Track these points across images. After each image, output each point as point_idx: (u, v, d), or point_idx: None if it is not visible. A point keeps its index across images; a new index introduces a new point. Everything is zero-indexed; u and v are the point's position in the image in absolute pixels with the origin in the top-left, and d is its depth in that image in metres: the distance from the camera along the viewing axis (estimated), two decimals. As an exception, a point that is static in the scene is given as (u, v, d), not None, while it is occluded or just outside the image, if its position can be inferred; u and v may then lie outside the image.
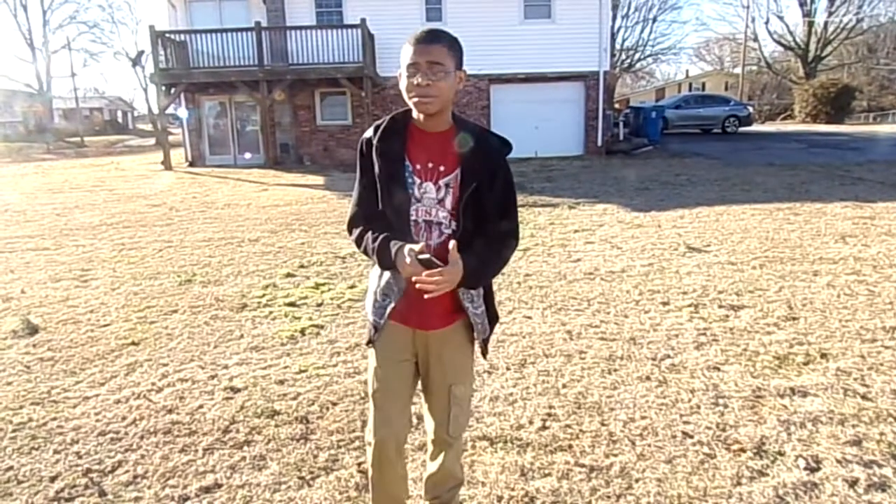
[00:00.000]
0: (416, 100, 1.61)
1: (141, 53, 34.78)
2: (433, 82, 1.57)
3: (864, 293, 4.62)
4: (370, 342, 1.88)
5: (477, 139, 1.70)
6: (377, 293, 1.84)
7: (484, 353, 1.93)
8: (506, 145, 1.74)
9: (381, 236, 1.70)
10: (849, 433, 2.70)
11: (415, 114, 1.68)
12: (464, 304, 1.78)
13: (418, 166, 1.69)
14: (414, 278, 1.59)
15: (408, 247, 1.61)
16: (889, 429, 2.73)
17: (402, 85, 1.63)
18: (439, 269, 1.57)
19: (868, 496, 2.29)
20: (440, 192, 1.69)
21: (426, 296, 1.59)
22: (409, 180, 1.70)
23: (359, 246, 1.79)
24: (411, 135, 1.70)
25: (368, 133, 1.74)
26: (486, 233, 1.71)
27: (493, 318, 1.92)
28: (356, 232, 1.80)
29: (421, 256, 1.58)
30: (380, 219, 1.75)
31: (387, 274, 1.78)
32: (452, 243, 1.62)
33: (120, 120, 55.69)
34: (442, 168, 1.69)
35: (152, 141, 34.95)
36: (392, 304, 1.79)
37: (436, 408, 1.91)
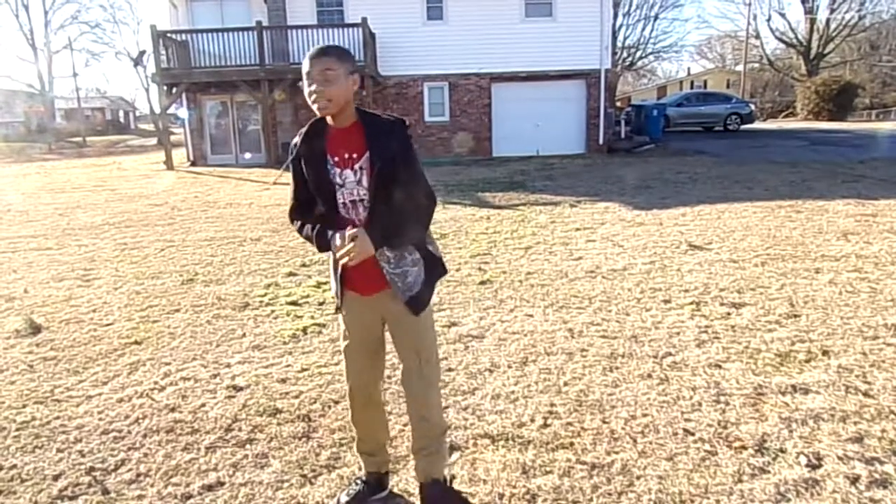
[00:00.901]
0: (315, 105, 1.92)
1: (142, 53, 34.76)
2: (325, 89, 1.88)
3: (865, 290, 4.62)
4: (337, 309, 2.21)
5: (375, 124, 2.01)
6: (331, 268, 2.17)
7: (414, 311, 2.10)
8: (399, 121, 2.02)
9: (318, 226, 2.06)
10: (850, 430, 2.70)
11: (328, 118, 1.99)
12: (386, 268, 2.06)
13: (336, 158, 2.01)
14: (337, 253, 1.95)
15: (339, 233, 1.97)
16: (891, 426, 2.72)
17: (305, 94, 1.94)
18: (350, 240, 1.91)
19: (870, 493, 2.29)
20: (356, 174, 2.00)
21: (349, 263, 1.94)
22: (332, 171, 2.01)
23: (300, 233, 2.13)
24: (329, 134, 2.02)
25: (297, 137, 2.07)
26: (403, 198, 1.98)
27: (433, 273, 2.14)
28: (297, 222, 2.14)
29: (348, 234, 1.93)
30: (313, 205, 2.10)
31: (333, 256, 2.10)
32: (352, 230, 1.94)
33: (122, 120, 55.78)
34: (354, 155, 1.99)
35: (154, 141, 35.01)
36: (337, 274, 2.12)
37: (403, 359, 2.19)
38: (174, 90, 15.89)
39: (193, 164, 17.30)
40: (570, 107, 17.54)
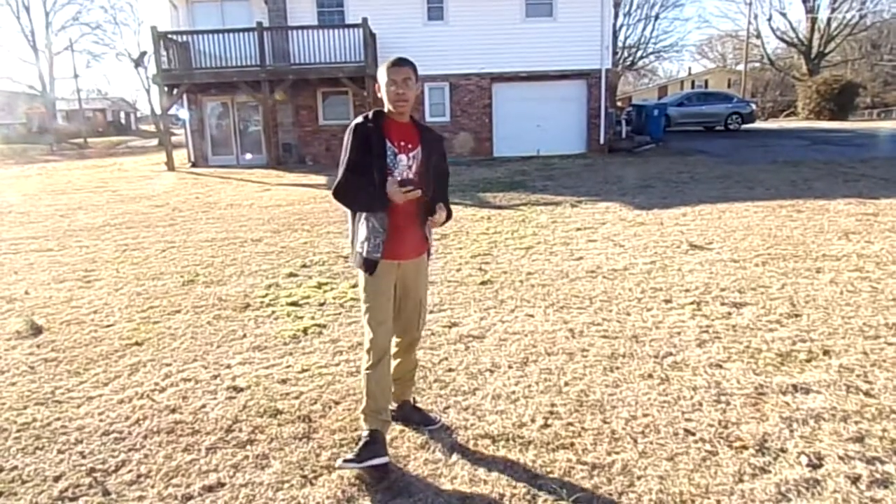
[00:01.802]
0: (397, 102, 2.42)
1: (143, 54, 34.86)
2: (406, 91, 2.41)
3: (867, 290, 4.61)
4: (371, 271, 2.49)
5: (426, 128, 2.61)
6: (370, 235, 2.48)
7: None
8: (440, 135, 2.69)
9: (372, 189, 2.43)
10: (851, 430, 2.70)
11: (386, 110, 2.48)
12: (429, 237, 2.66)
13: (396, 143, 2.46)
14: (402, 192, 2.35)
15: (390, 180, 2.41)
16: (892, 425, 2.72)
17: (383, 93, 2.44)
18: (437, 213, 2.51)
19: (870, 493, 2.29)
20: (409, 160, 2.49)
21: (401, 200, 2.38)
22: (389, 152, 2.45)
23: (346, 198, 2.50)
24: (387, 123, 2.49)
25: (359, 119, 2.47)
26: (440, 190, 2.59)
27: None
28: (345, 192, 2.49)
29: (400, 180, 2.40)
30: (364, 181, 2.43)
31: (373, 221, 2.47)
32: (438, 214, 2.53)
33: (123, 121, 55.83)
34: (410, 145, 2.49)
35: (155, 142, 35.06)
36: (382, 240, 2.46)
37: (410, 316, 2.67)
38: (175, 91, 15.90)
39: (194, 164, 17.31)
40: (571, 107, 17.52)
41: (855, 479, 2.36)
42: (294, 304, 4.79)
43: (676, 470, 2.47)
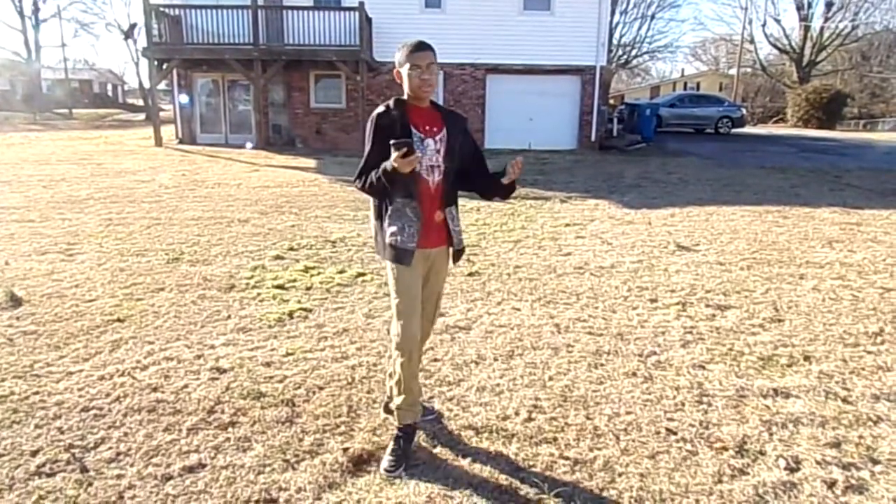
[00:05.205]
0: (421, 88, 2.39)
1: (133, 26, 34.27)
2: (430, 76, 2.39)
3: (848, 298, 4.68)
4: (408, 262, 2.40)
5: (448, 110, 2.58)
6: (404, 225, 2.40)
7: (455, 260, 2.63)
8: (464, 116, 2.66)
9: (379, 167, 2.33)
10: (829, 435, 2.74)
11: (405, 96, 2.45)
12: (451, 225, 2.54)
13: (422, 128, 2.42)
14: (406, 160, 2.20)
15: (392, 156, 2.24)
16: (868, 432, 2.77)
17: (406, 77, 2.39)
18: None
19: (845, 498, 2.33)
20: (437, 144, 2.45)
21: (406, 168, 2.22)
22: (416, 138, 2.38)
23: (364, 186, 2.39)
24: (409, 109, 2.44)
25: (380, 109, 2.41)
26: (479, 173, 2.63)
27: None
28: (360, 181, 2.40)
29: (395, 143, 2.20)
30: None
31: (407, 211, 2.41)
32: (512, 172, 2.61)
33: (110, 93, 54.82)
34: (435, 129, 2.46)
35: (142, 116, 34.54)
36: (417, 229, 2.41)
37: (429, 309, 2.61)
38: (165, 66, 15.64)
39: (182, 141, 17.07)
40: (564, 102, 17.51)
41: (831, 484, 2.40)
42: (280, 287, 4.76)
43: (657, 468, 2.50)
